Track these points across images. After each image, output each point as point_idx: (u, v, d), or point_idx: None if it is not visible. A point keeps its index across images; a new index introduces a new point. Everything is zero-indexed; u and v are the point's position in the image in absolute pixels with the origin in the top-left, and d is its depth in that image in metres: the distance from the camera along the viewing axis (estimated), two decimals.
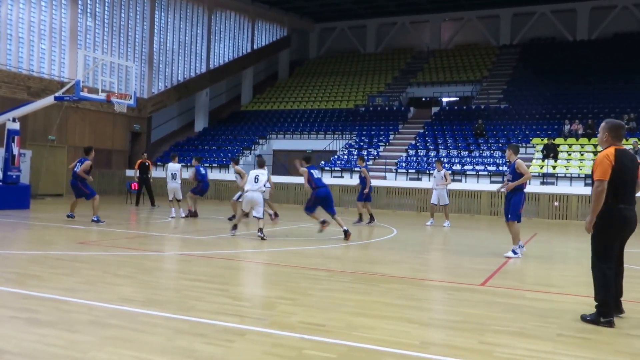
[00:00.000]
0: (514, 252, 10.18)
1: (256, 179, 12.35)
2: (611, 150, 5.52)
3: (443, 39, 41.68)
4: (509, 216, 10.15)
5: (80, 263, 8.18)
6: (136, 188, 21.08)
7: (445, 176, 16.93)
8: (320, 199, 12.22)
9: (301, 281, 7.28)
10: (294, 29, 43.24)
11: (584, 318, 5.64)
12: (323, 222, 12.17)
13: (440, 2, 38.16)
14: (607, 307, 5.48)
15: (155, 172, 24.60)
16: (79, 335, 4.61)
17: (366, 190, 16.23)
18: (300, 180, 25.74)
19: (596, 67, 32.69)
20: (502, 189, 10.50)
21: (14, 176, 16.95)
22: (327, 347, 4.54)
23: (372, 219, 16.34)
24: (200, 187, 16.57)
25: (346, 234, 12.07)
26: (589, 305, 6.35)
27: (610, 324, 5.43)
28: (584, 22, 37.12)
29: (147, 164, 20.77)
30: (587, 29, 37.02)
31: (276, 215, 16.05)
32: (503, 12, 38.95)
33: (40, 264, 7.80)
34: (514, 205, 10.12)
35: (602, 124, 5.75)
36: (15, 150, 16.95)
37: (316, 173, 12.64)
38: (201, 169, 16.70)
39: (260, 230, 11.79)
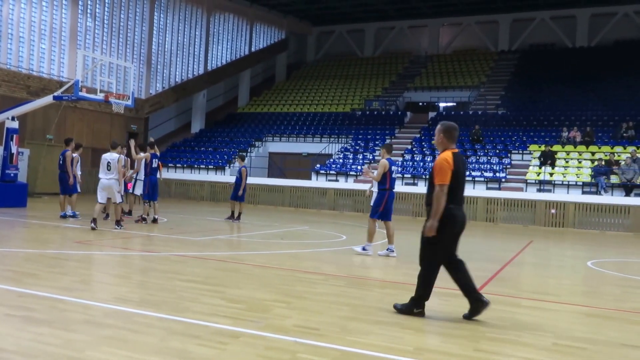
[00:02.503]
0: (364, 248, 10.55)
1: (108, 166, 12.52)
2: (449, 154, 5.84)
3: (441, 44, 41.67)
4: (370, 213, 10.77)
5: (76, 262, 8.17)
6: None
7: None
8: None
9: (296, 284, 7.28)
10: (292, 32, 43.24)
11: (395, 307, 5.91)
12: None
13: (439, 7, 38.15)
14: (423, 300, 5.83)
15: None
16: (75, 334, 4.62)
17: None
18: (297, 182, 26.11)
19: (595, 74, 32.60)
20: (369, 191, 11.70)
21: (12, 174, 16.95)
22: (320, 351, 4.54)
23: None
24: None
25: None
26: (586, 315, 6.39)
27: (422, 314, 5.79)
28: (584, 28, 37.05)
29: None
30: (586, 36, 36.97)
31: (125, 213, 14.66)
32: (502, 17, 38.89)
33: (36, 263, 7.79)
34: (374, 203, 10.73)
35: (438, 126, 6.05)
36: (14, 149, 16.97)
37: None
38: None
39: (118, 222, 12.38)
